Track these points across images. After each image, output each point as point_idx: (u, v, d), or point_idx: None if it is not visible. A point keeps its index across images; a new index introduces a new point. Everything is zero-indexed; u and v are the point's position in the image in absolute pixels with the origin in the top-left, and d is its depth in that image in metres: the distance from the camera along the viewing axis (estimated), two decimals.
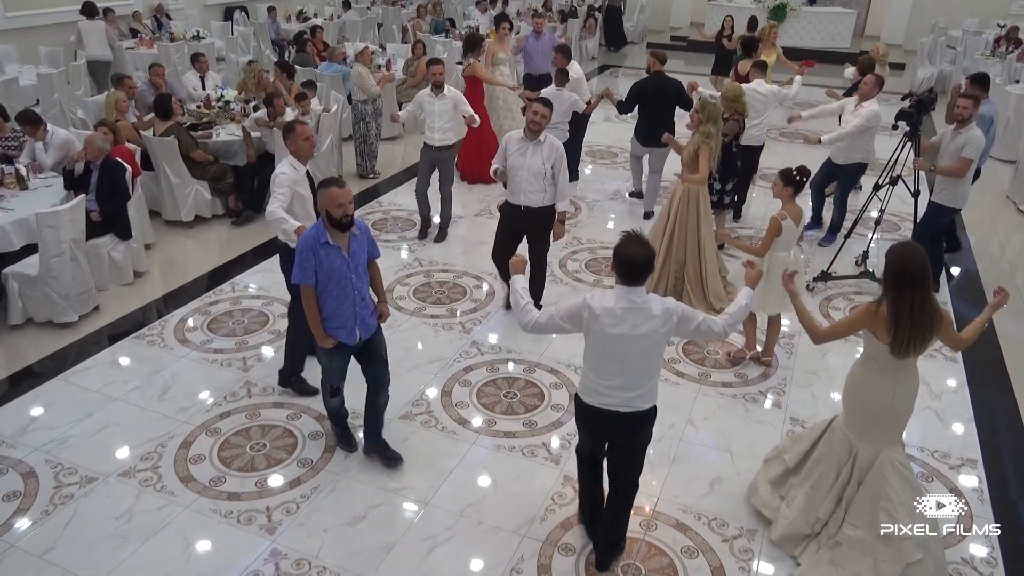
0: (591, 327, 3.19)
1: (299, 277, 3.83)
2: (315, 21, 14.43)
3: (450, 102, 6.86)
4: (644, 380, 3.26)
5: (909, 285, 3.17)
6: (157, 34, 12.78)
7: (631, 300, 3.14)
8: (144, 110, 7.98)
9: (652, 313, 3.14)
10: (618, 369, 3.21)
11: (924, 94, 6.23)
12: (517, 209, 5.45)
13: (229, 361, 5.28)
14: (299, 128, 4.56)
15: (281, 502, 4.03)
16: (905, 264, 3.18)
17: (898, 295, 3.19)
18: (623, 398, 3.25)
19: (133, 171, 6.39)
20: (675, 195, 5.97)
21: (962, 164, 5.83)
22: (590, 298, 3.19)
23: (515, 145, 5.33)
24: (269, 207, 4.45)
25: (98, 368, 5.19)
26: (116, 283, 6.23)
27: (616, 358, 3.20)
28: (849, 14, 17.17)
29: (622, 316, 3.13)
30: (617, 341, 3.16)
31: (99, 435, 4.51)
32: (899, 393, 3.36)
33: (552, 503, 4.05)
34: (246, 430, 4.58)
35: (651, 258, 3.13)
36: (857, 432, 3.52)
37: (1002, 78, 10.84)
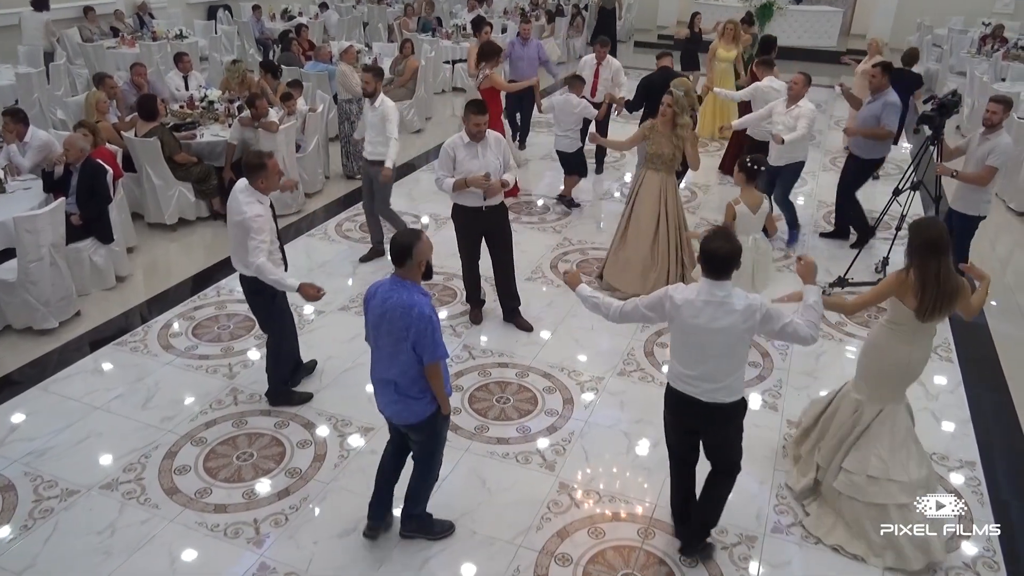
0: (672, 317, 3.27)
1: (443, 349, 3.32)
2: (300, 20, 14.27)
3: (380, 113, 6.26)
4: (725, 374, 3.28)
5: (933, 253, 3.41)
6: (139, 33, 12.59)
7: (713, 293, 3.18)
8: (126, 110, 7.82)
9: (733, 307, 3.16)
10: (699, 360, 3.26)
11: (947, 96, 6.00)
12: (478, 211, 5.30)
13: (214, 368, 5.16)
14: (271, 163, 4.21)
15: (269, 514, 3.92)
16: (930, 234, 3.44)
17: (923, 263, 3.43)
18: (704, 388, 3.29)
19: (114, 173, 6.25)
20: (664, 190, 5.88)
21: (986, 172, 5.66)
22: (672, 289, 3.29)
23: (463, 151, 5.18)
24: (256, 260, 4.12)
25: (79, 376, 5.05)
26: (98, 288, 6.08)
27: (696, 349, 3.26)
28: (835, 12, 17.20)
29: (701, 308, 3.18)
30: (697, 332, 3.22)
31: (80, 446, 4.38)
32: (915, 356, 3.63)
33: (548, 511, 3.97)
34: (232, 439, 4.46)
35: (737, 253, 3.18)
36: (867, 393, 3.77)
37: (989, 76, 10.85)
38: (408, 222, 7.56)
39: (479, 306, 5.79)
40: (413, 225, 7.52)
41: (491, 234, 5.46)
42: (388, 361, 3.32)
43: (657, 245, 5.95)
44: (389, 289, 3.27)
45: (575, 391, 4.98)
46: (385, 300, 3.25)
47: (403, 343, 3.23)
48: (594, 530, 3.86)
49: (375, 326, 3.32)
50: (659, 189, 5.88)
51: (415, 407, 3.37)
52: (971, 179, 5.76)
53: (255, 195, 4.22)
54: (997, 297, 6.18)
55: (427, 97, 11.17)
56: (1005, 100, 5.72)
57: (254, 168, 4.19)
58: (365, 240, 7.19)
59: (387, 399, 3.42)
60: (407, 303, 3.20)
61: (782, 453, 4.43)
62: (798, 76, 6.61)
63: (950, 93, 6.00)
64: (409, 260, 3.22)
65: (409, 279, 3.26)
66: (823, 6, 17.47)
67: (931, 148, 6.01)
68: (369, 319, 3.36)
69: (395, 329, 3.22)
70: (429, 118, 11.28)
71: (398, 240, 3.25)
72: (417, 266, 3.25)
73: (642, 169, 6.02)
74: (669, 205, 5.93)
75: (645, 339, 5.59)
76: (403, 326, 3.20)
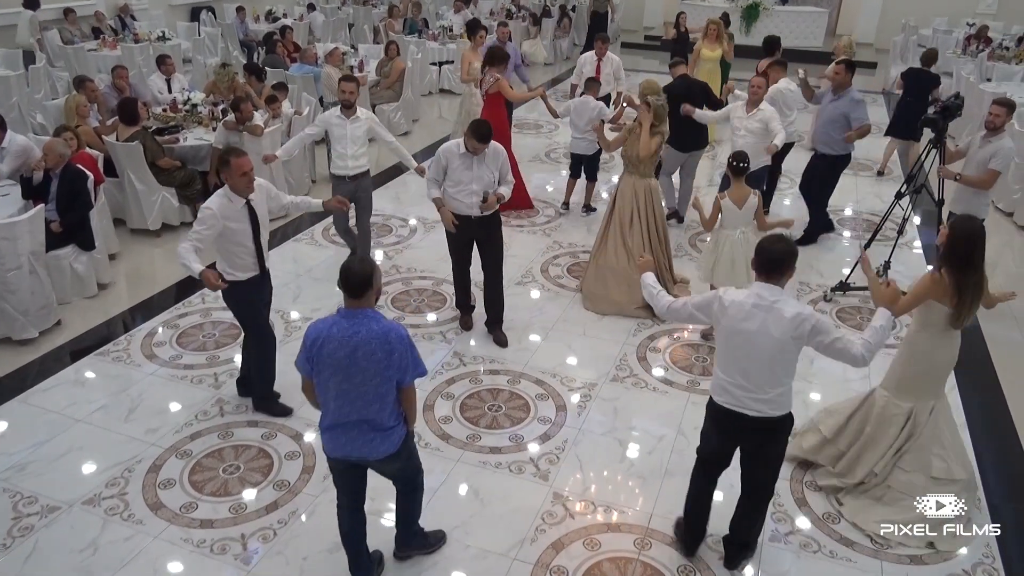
0: (720, 319, 3.20)
1: (423, 364, 3.20)
2: (285, 21, 14.12)
3: (363, 125, 6.00)
4: (770, 385, 3.16)
5: (974, 263, 3.49)
6: (121, 35, 12.41)
7: (762, 296, 3.10)
8: (107, 114, 7.68)
9: (783, 315, 3.07)
10: (743, 368, 3.17)
11: (950, 99, 5.93)
12: (467, 220, 5.18)
13: (200, 377, 5.05)
14: (234, 162, 4.07)
15: (257, 528, 3.82)
16: (970, 239, 3.49)
17: (963, 272, 3.48)
18: (749, 400, 3.19)
19: (96, 178, 6.13)
20: (635, 196, 5.79)
21: (988, 176, 5.62)
22: (723, 290, 3.23)
23: (457, 160, 5.05)
24: (181, 244, 4.08)
25: (60, 387, 4.92)
26: (79, 296, 5.95)
27: (740, 355, 3.16)
28: (821, 13, 17.26)
29: (750, 312, 3.10)
30: (743, 337, 3.13)
31: (61, 460, 4.26)
32: (955, 350, 3.74)
33: (542, 523, 3.90)
34: (219, 451, 4.36)
35: (793, 255, 3.14)
36: (916, 395, 3.82)
37: (975, 77, 10.89)
38: (395, 226, 7.50)
39: (469, 312, 5.70)
40: (401, 229, 7.43)
41: (482, 242, 5.36)
42: (361, 401, 3.04)
43: (635, 253, 5.75)
44: (348, 325, 2.98)
45: (568, 398, 4.91)
46: (350, 338, 2.96)
47: (381, 375, 3.00)
48: (589, 541, 3.79)
49: (339, 369, 2.99)
50: (632, 192, 5.81)
51: (392, 436, 3.15)
52: (974, 182, 5.69)
53: (227, 192, 4.18)
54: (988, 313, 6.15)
55: (414, 99, 11.08)
56: (1008, 103, 5.66)
57: (221, 162, 4.18)
58: None
59: (358, 440, 3.11)
60: (380, 331, 2.97)
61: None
62: (759, 79, 6.51)
63: (953, 96, 5.94)
64: (369, 290, 3.01)
65: (366, 308, 3.04)
66: (809, 7, 17.53)
67: (934, 151, 5.95)
68: (325, 364, 3.00)
69: (372, 364, 2.97)
70: (416, 120, 11.19)
71: (358, 271, 2.98)
72: (375, 294, 3.07)
73: (623, 174, 5.97)
74: (645, 209, 5.80)
75: (637, 344, 5.53)
76: (383, 356, 2.97)
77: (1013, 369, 5.41)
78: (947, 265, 3.52)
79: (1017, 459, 4.53)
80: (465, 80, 8.40)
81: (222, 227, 4.15)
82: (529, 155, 9.55)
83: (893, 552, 3.78)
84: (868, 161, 9.83)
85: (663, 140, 5.73)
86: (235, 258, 4.27)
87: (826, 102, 6.91)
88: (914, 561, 3.74)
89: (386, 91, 10.42)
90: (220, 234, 4.18)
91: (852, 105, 6.67)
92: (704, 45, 9.57)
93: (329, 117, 5.98)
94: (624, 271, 5.83)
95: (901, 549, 3.79)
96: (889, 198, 8.49)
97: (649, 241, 5.84)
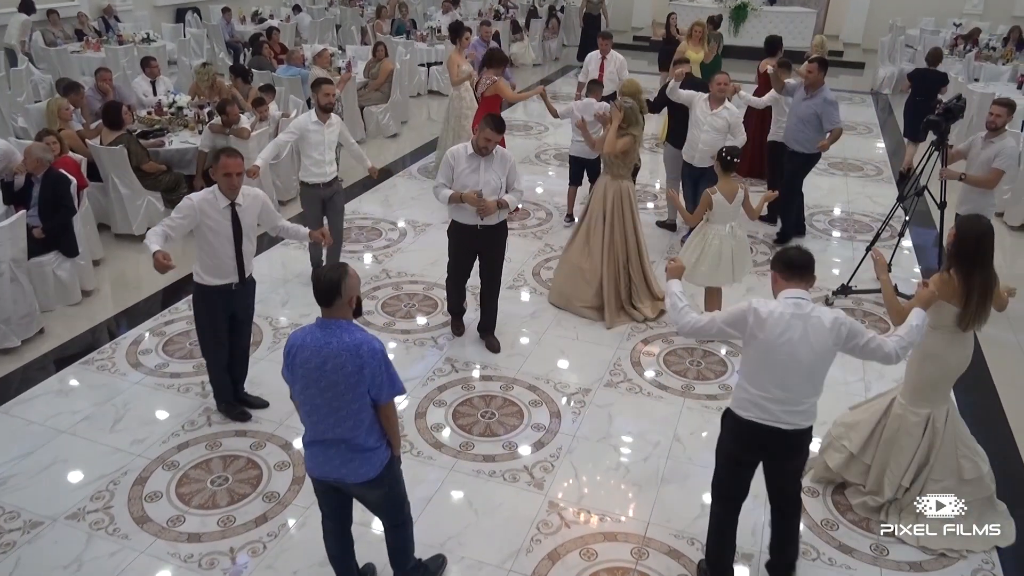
0: (755, 334, 3.02)
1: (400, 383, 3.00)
2: (271, 22, 13.99)
3: (337, 129, 5.85)
4: (807, 396, 3.08)
5: (981, 263, 3.44)
6: (105, 36, 12.25)
7: (800, 305, 3.00)
8: (91, 117, 7.56)
9: (822, 322, 2.98)
10: (780, 381, 3.03)
11: (952, 101, 5.89)
12: (472, 229, 5.04)
13: (187, 386, 4.95)
14: (223, 160, 4.02)
15: (247, 542, 3.74)
16: (979, 239, 3.45)
17: (970, 272, 3.44)
18: (784, 413, 3.07)
19: (79, 183, 6.01)
20: (604, 196, 5.74)
21: (993, 175, 5.59)
22: (755, 302, 3.05)
23: (464, 162, 4.91)
24: (151, 228, 4.00)
25: (43, 398, 4.81)
26: (62, 303, 5.83)
27: (780, 369, 3.02)
28: (809, 13, 17.27)
29: (790, 322, 2.98)
30: (783, 350, 2.99)
31: (44, 473, 4.15)
32: (968, 351, 3.70)
33: (538, 532, 3.83)
34: (206, 462, 4.27)
35: (813, 259, 3.11)
36: (932, 400, 3.78)
37: (963, 77, 10.92)
38: (384, 229, 7.42)
39: (460, 316, 5.62)
40: (390, 233, 7.35)
41: (485, 253, 5.22)
42: (334, 418, 2.88)
43: (607, 253, 5.75)
44: (322, 335, 2.85)
45: (561, 404, 4.85)
46: (321, 349, 2.82)
47: (353, 390, 2.84)
48: (586, 552, 3.73)
49: (312, 381, 2.86)
50: (603, 191, 5.77)
51: (373, 459, 2.96)
52: (979, 182, 5.66)
53: (213, 189, 4.12)
54: None
55: (403, 101, 10.99)
56: (1008, 103, 5.65)
57: (212, 158, 4.17)
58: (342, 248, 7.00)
59: (336, 460, 2.95)
60: (351, 343, 2.82)
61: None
62: (723, 77, 6.48)
63: (955, 98, 5.91)
64: (338, 298, 2.83)
65: (340, 318, 2.89)
66: (797, 7, 17.53)
67: (936, 153, 5.90)
68: (299, 375, 2.89)
69: (342, 377, 2.82)
70: (405, 122, 11.10)
71: (324, 277, 2.84)
72: (347, 304, 2.87)
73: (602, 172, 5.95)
74: (613, 210, 5.72)
75: (631, 348, 5.48)
76: (354, 370, 2.81)
77: (1008, 371, 5.40)
78: (955, 265, 3.48)
79: (1015, 463, 4.50)
80: (456, 83, 8.30)
81: (199, 222, 4.08)
82: (518, 156, 9.44)
83: (892, 559, 3.74)
84: (858, 162, 9.84)
85: (632, 142, 5.67)
86: (207, 259, 4.20)
87: (799, 100, 6.86)
88: (913, 568, 3.71)
89: (374, 93, 10.33)
90: (198, 231, 4.11)
91: (825, 105, 6.65)
92: (688, 47, 9.50)
93: (305, 123, 5.72)
94: (579, 268, 5.81)
95: (902, 556, 3.75)
96: (880, 199, 8.57)
97: (612, 243, 5.75)
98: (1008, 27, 14.15)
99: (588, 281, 5.80)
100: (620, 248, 5.77)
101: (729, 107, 6.47)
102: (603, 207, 5.73)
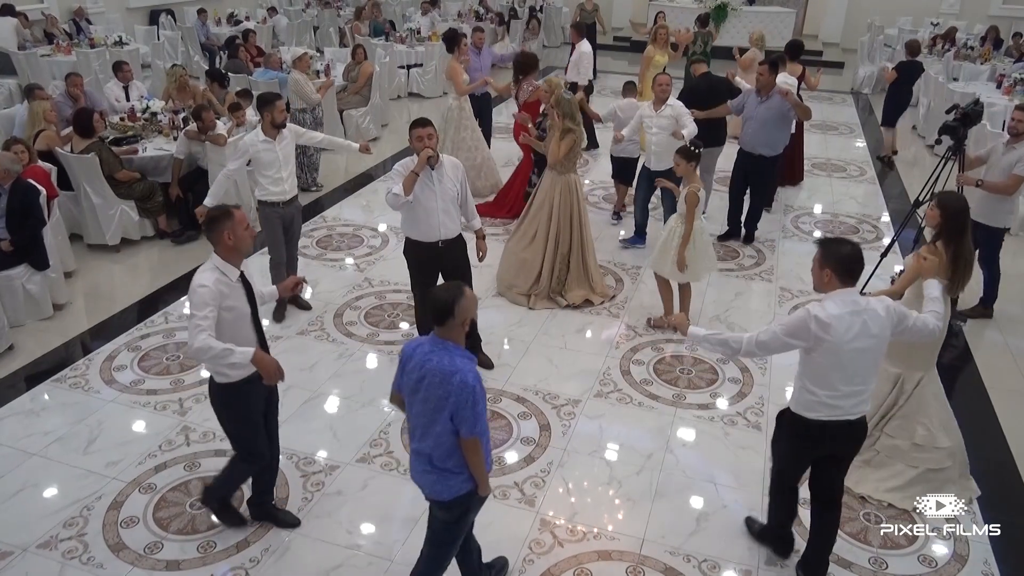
0: (821, 338, 3.02)
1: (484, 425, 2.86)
2: (247, 24, 13.76)
3: (291, 141, 5.40)
4: (870, 383, 3.20)
5: (963, 230, 3.74)
6: (76, 39, 11.97)
7: (855, 302, 3.05)
8: (61, 124, 7.34)
9: (879, 313, 3.06)
10: (849, 377, 3.10)
11: (969, 106, 5.79)
12: (434, 247, 4.74)
13: (163, 404, 4.78)
14: (237, 214, 3.28)
15: (229, 568, 3.59)
16: (959, 210, 3.79)
17: (959, 241, 3.71)
18: (853, 405, 3.17)
19: (49, 193, 5.82)
20: (551, 190, 5.82)
21: (1013, 181, 5.48)
22: (813, 308, 3.05)
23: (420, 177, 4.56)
24: (195, 340, 3.12)
25: (12, 418, 4.63)
26: (33, 318, 5.64)
27: (850, 367, 3.08)
28: (788, 13, 17.31)
29: (851, 321, 3.02)
30: (852, 346, 3.04)
31: (14, 499, 3.98)
32: (947, 320, 3.72)
33: (530, 552, 3.72)
34: (184, 484, 4.11)
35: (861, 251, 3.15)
36: (906, 363, 3.97)
37: (942, 77, 10.95)
38: (366, 236, 7.27)
39: None
40: (372, 240, 7.21)
41: (449, 272, 4.80)
42: (422, 431, 2.91)
43: (550, 245, 5.86)
44: (429, 351, 2.84)
45: (551, 416, 4.74)
46: (424, 363, 2.83)
47: (440, 412, 2.81)
48: (580, 571, 3.62)
49: (411, 391, 2.90)
50: (549, 186, 5.84)
51: (451, 482, 2.92)
52: (997, 188, 5.55)
53: (214, 262, 3.28)
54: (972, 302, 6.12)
55: (382, 104, 10.84)
56: None
57: (216, 220, 3.26)
58: (322, 257, 6.87)
59: (420, 468, 2.99)
60: (447, 368, 2.78)
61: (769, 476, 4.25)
62: (664, 78, 6.46)
63: (972, 102, 5.79)
64: (451, 319, 2.78)
65: (451, 340, 2.85)
66: (776, 7, 17.57)
67: (952, 159, 5.81)
68: (405, 382, 2.93)
69: (432, 396, 2.81)
70: (385, 125, 10.96)
71: (439, 296, 2.81)
72: (460, 325, 2.82)
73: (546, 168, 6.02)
74: (560, 205, 5.80)
75: (621, 356, 5.39)
76: (442, 394, 2.78)
77: (998, 371, 5.37)
78: (945, 239, 3.74)
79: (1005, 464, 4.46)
80: (462, 94, 8.10)
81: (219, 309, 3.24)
82: (502, 159, 9.32)
83: (891, 573, 3.67)
84: (841, 162, 9.84)
85: (574, 139, 5.69)
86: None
87: (755, 105, 6.76)
88: None
89: (354, 96, 10.17)
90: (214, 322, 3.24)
91: (782, 102, 6.62)
92: (656, 50, 9.43)
93: (252, 142, 5.28)
94: (523, 259, 5.97)
95: (900, 570, 3.68)
96: (863, 200, 8.56)
97: (557, 235, 5.85)
98: (985, 26, 14.29)
99: (529, 271, 5.97)
100: (564, 240, 5.91)
101: (671, 103, 6.44)
102: (550, 201, 5.83)
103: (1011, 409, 4.96)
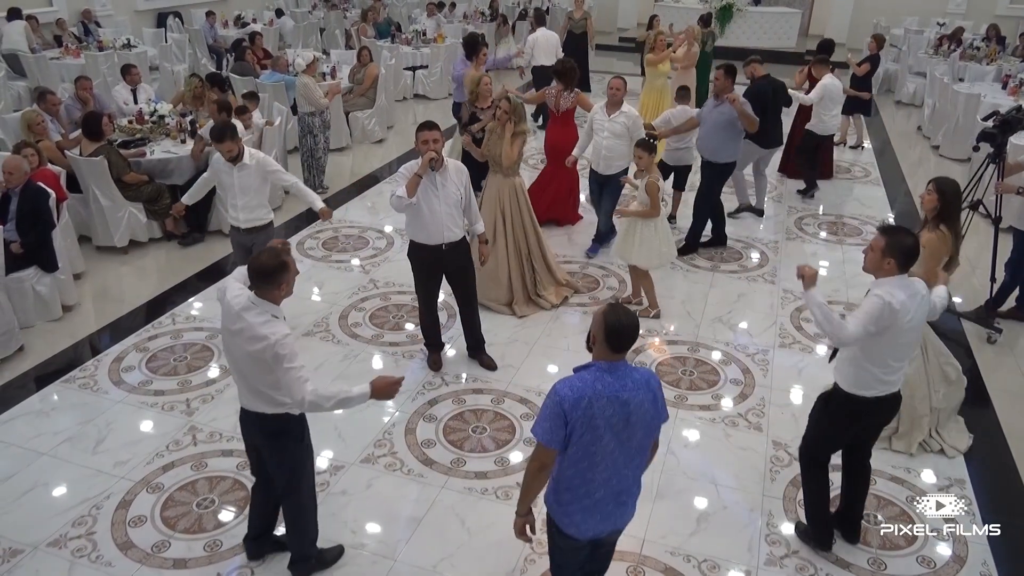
0: (891, 325, 3.24)
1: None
2: (253, 27, 13.84)
3: (253, 172, 5.05)
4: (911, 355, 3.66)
5: (958, 210, 4.18)
6: (84, 42, 12.06)
7: (912, 287, 3.30)
8: (70, 127, 7.42)
9: (924, 295, 3.35)
10: (904, 355, 3.42)
11: (1011, 113, 5.68)
12: (437, 250, 4.78)
13: (171, 404, 4.85)
14: (292, 265, 3.13)
15: (234, 567, 3.65)
16: (958, 195, 4.22)
17: (956, 222, 4.16)
18: (899, 377, 3.46)
19: (58, 196, 5.90)
20: (499, 197, 5.80)
21: None
22: (886, 295, 3.23)
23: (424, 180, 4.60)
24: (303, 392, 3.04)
25: (23, 418, 4.70)
26: (42, 320, 5.71)
27: (906, 346, 3.39)
28: (794, 14, 17.32)
29: (909, 304, 3.26)
30: (910, 326, 3.31)
31: (24, 498, 4.04)
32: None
33: (532, 552, 3.76)
34: (192, 484, 4.17)
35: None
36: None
37: (948, 77, 10.94)
38: (372, 238, 7.32)
39: (438, 350, 5.35)
40: (378, 241, 7.26)
41: (452, 274, 4.98)
42: (626, 464, 2.75)
43: (511, 251, 5.85)
44: (614, 380, 2.64)
45: None
46: (619, 393, 2.63)
47: (650, 424, 2.74)
48: None
49: (615, 431, 2.65)
50: (496, 192, 5.80)
51: (637, 494, 2.92)
52: None
53: (270, 309, 3.06)
54: (970, 303, 6.13)
55: (388, 105, 10.90)
56: None
57: (272, 272, 3.03)
58: (328, 258, 6.92)
59: (620, 510, 2.85)
60: (641, 379, 2.70)
61: (769, 477, 4.29)
62: (617, 81, 6.37)
63: (1014, 109, 5.70)
64: (632, 344, 2.73)
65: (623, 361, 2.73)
66: (782, 7, 17.58)
67: (992, 166, 5.76)
68: (597, 426, 2.62)
69: (643, 416, 2.69)
70: (391, 127, 11.01)
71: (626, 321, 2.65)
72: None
73: (488, 173, 5.94)
74: (510, 209, 5.79)
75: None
76: (651, 405, 2.70)
77: (1001, 376, 5.38)
78: (945, 220, 4.11)
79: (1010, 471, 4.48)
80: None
81: None
82: None
83: (889, 573, 3.70)
84: (846, 163, 9.84)
85: (523, 141, 5.70)
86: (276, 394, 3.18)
87: (709, 108, 6.69)
88: None
89: (360, 98, 10.23)
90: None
91: (730, 109, 6.44)
92: (656, 58, 9.39)
93: (218, 161, 5.08)
94: (487, 269, 5.73)
95: (899, 570, 3.71)
96: (868, 201, 8.56)
97: (515, 240, 5.87)
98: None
99: (498, 280, 5.89)
100: (522, 243, 5.93)
101: (626, 111, 6.38)
102: (499, 207, 5.81)
103: (1012, 410, 4.98)
